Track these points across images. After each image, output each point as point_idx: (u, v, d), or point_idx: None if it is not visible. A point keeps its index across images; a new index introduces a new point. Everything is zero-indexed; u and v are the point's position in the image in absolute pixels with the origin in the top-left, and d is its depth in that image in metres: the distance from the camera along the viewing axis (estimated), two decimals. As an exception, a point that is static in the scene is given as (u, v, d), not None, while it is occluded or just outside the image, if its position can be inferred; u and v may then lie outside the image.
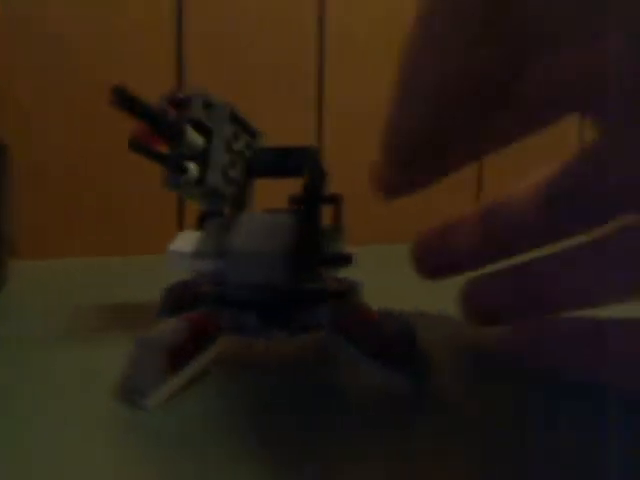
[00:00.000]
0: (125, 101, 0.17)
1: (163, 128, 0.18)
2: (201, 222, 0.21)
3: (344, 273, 0.22)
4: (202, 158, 0.20)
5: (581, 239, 0.16)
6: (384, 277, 0.37)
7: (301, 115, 0.53)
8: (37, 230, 0.45)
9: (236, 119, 0.20)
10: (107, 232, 0.47)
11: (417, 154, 0.16)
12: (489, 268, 0.19)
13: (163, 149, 0.19)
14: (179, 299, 0.23)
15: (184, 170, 0.20)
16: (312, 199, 0.18)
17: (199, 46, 0.48)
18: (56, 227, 0.46)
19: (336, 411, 0.16)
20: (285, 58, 0.51)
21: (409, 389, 0.17)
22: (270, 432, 0.15)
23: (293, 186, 0.20)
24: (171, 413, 0.16)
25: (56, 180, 0.46)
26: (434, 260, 0.19)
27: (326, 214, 0.22)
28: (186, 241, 0.20)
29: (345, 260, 0.21)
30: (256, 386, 0.18)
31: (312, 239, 0.18)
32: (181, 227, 0.49)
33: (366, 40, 0.55)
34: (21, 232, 0.44)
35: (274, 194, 0.24)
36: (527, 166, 0.58)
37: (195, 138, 0.20)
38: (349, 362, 0.18)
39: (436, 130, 0.15)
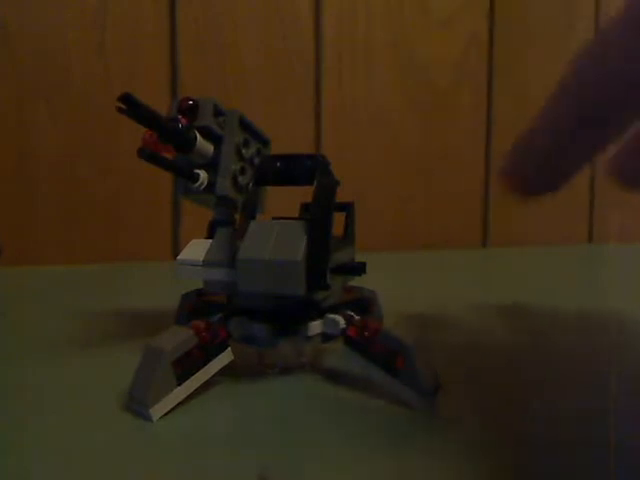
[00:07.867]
0: (133, 109, 0.17)
1: (173, 136, 0.18)
2: (211, 230, 0.20)
3: (356, 281, 0.22)
4: (212, 165, 0.20)
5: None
6: (395, 284, 0.36)
7: (298, 119, 0.52)
8: (22, 236, 0.45)
9: (245, 126, 0.20)
10: (96, 238, 0.47)
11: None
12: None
13: (170, 155, 0.19)
14: (194, 306, 0.23)
15: (195, 178, 0.19)
16: (324, 207, 0.18)
17: (192, 48, 0.48)
18: (42, 233, 0.45)
19: (345, 424, 0.15)
20: (281, 60, 0.51)
21: (418, 403, 0.16)
22: (277, 444, 0.14)
23: (300, 193, 0.20)
24: (175, 423, 0.15)
25: (46, 184, 0.45)
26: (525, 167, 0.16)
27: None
28: (196, 249, 0.20)
29: (358, 269, 0.20)
30: (264, 396, 0.17)
31: (324, 248, 0.18)
32: (176, 234, 0.48)
33: (365, 40, 0.54)
34: (5, 237, 0.43)
35: (280, 201, 0.24)
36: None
37: (205, 146, 0.19)
38: (360, 373, 0.18)
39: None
